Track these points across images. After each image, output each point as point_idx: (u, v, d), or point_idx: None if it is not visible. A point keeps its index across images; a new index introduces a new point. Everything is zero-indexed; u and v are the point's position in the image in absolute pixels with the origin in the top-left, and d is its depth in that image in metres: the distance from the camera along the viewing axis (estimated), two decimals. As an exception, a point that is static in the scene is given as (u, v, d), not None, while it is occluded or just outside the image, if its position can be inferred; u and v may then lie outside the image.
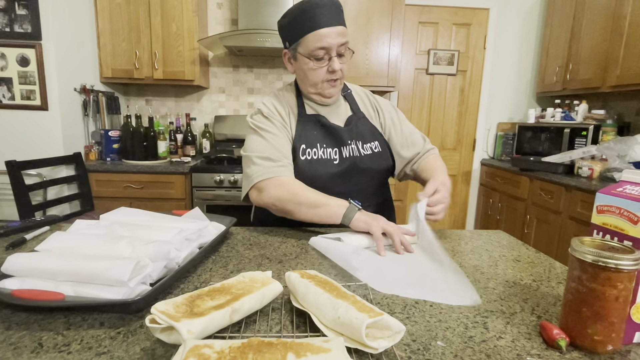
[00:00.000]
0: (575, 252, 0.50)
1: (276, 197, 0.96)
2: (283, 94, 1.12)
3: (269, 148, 1.01)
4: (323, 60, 0.99)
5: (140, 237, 0.73)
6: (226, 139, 2.85)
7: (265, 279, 0.62)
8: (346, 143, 1.08)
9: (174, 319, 0.47)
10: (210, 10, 2.86)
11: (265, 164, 0.99)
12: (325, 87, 1.03)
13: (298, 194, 0.95)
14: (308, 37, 0.96)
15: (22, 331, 0.53)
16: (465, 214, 3.48)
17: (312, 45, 0.96)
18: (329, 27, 0.95)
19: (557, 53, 2.91)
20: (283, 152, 1.02)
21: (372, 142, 1.12)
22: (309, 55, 0.98)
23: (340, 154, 1.07)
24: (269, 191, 0.97)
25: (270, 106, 1.08)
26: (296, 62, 1.04)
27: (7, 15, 2.03)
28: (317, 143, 1.06)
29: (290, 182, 0.98)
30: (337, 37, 0.96)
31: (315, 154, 1.05)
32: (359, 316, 0.48)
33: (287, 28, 1.01)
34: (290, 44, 1.02)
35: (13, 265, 0.63)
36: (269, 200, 0.97)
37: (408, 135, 1.18)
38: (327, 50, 0.97)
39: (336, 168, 1.06)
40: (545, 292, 0.69)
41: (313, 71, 1.00)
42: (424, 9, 3.11)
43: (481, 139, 3.37)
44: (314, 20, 0.94)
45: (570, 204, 2.25)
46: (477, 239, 1.01)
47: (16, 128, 2.14)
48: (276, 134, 1.04)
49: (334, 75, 1.00)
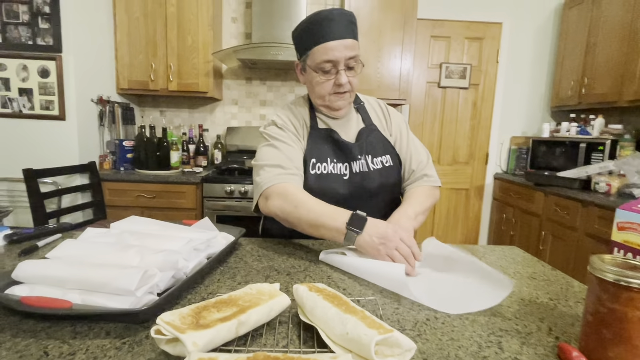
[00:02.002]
0: (595, 271, 0.48)
1: (279, 207, 0.93)
2: (296, 107, 1.11)
3: (281, 157, 0.99)
4: (330, 74, 0.98)
5: (149, 246, 0.73)
6: (238, 150, 2.87)
7: (272, 292, 0.61)
8: (356, 158, 1.06)
9: (180, 330, 0.47)
10: (225, 24, 2.92)
11: (274, 171, 0.97)
12: (332, 99, 1.02)
13: (299, 207, 0.90)
14: (315, 49, 0.96)
15: (29, 339, 0.53)
16: (478, 229, 3.42)
17: (319, 58, 0.95)
18: (337, 40, 0.94)
19: (572, 67, 2.88)
20: (294, 162, 1.00)
21: (383, 155, 1.10)
22: (315, 68, 0.98)
23: (350, 169, 1.05)
24: (273, 200, 0.94)
25: (285, 118, 1.07)
26: (305, 74, 1.04)
27: (30, 29, 2.11)
28: (327, 157, 1.04)
29: (294, 191, 0.93)
30: (345, 50, 0.94)
31: (325, 168, 1.03)
32: (368, 332, 0.47)
33: (298, 40, 1.01)
34: (301, 56, 1.02)
35: (23, 272, 0.63)
36: (273, 209, 0.94)
37: (413, 151, 1.14)
38: (334, 63, 0.96)
39: (346, 183, 1.04)
40: (563, 311, 0.67)
41: (320, 84, 0.99)
42: (436, 23, 3.13)
43: (494, 152, 3.33)
44: (322, 33, 0.94)
45: (587, 220, 2.19)
46: (490, 255, 0.98)
47: (34, 137, 2.20)
48: (289, 144, 1.02)
49: (341, 88, 0.99)
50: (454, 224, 3.40)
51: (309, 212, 0.88)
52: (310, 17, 0.96)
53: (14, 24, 2.10)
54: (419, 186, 1.11)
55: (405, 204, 1.04)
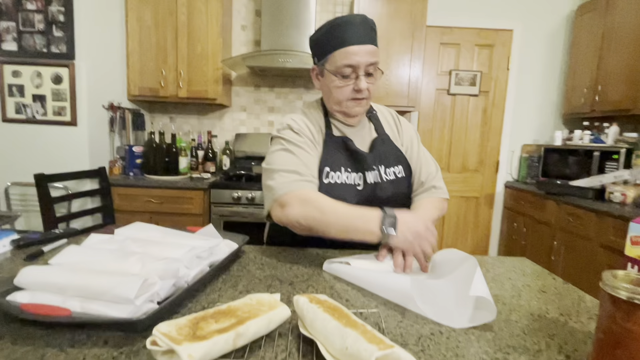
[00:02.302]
0: (607, 287, 0.46)
1: (301, 215, 0.87)
2: (311, 112, 1.08)
3: (297, 163, 0.95)
4: (349, 79, 0.96)
5: (152, 253, 0.73)
6: (246, 157, 2.88)
7: (272, 302, 0.60)
8: (371, 168, 1.03)
9: (176, 341, 0.46)
10: (235, 32, 2.95)
11: (290, 177, 0.92)
12: (350, 105, 0.99)
13: (326, 213, 0.85)
14: (336, 53, 0.94)
15: (27, 346, 0.53)
16: (488, 238, 3.36)
17: (340, 62, 0.93)
18: (359, 45, 0.92)
19: (585, 74, 2.83)
20: (311, 169, 0.96)
21: (395, 166, 1.07)
22: (335, 72, 0.95)
23: (364, 179, 1.03)
24: (293, 207, 0.88)
25: (301, 123, 1.03)
26: (323, 79, 1.01)
27: (45, 37, 2.16)
28: (341, 166, 1.01)
29: (317, 197, 0.89)
30: (366, 55, 0.93)
31: (339, 177, 1.00)
32: (368, 348, 0.45)
33: (317, 43, 0.99)
34: (319, 60, 1.00)
35: (25, 278, 0.63)
36: (292, 217, 0.88)
37: (423, 163, 1.13)
38: (355, 68, 0.93)
39: (359, 194, 1.01)
40: (574, 328, 0.64)
41: (338, 89, 0.97)
42: (445, 30, 3.12)
43: (505, 160, 3.28)
44: (344, 37, 0.92)
45: (601, 231, 2.13)
46: (499, 267, 0.95)
47: (47, 142, 2.24)
48: (306, 150, 0.98)
49: (360, 94, 0.97)
50: (463, 232, 3.34)
51: (339, 218, 0.85)
52: (332, 21, 0.95)
53: (29, 33, 2.15)
54: (426, 197, 1.09)
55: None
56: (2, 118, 2.20)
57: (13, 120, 2.21)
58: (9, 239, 0.94)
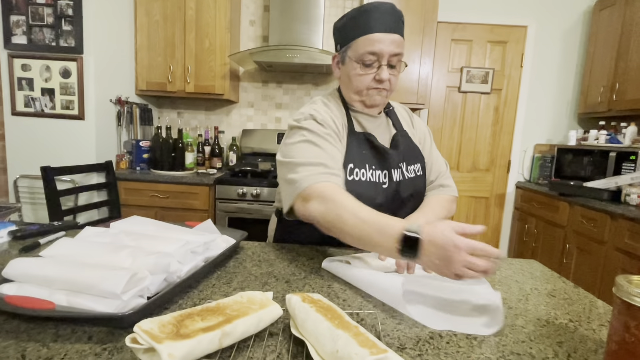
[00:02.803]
0: (621, 293, 0.42)
1: (320, 214, 0.78)
2: (332, 104, 1.01)
3: (323, 156, 0.87)
4: (372, 67, 0.92)
5: (144, 247, 0.71)
6: (252, 153, 2.87)
7: (264, 301, 0.57)
8: (396, 166, 0.99)
9: (156, 339, 0.44)
10: (243, 27, 2.94)
11: (315, 169, 0.83)
12: (371, 93, 0.95)
13: (342, 217, 0.74)
14: (359, 40, 0.90)
15: (9, 340, 0.51)
16: (498, 239, 3.29)
17: (363, 49, 0.90)
18: (384, 33, 0.88)
19: (602, 72, 2.74)
20: (337, 163, 0.89)
21: (415, 164, 1.04)
22: (357, 59, 0.92)
23: (389, 177, 0.98)
24: (313, 203, 0.80)
25: (324, 114, 0.95)
26: (344, 67, 0.97)
27: (54, 31, 2.17)
28: (366, 164, 0.96)
29: (338, 196, 0.78)
30: (391, 45, 0.89)
31: (364, 175, 0.95)
32: (359, 352, 0.43)
33: (341, 30, 0.96)
34: (341, 47, 0.96)
35: (13, 270, 0.62)
36: (313, 213, 0.80)
37: (434, 161, 1.10)
38: (378, 56, 0.90)
39: (384, 192, 0.97)
40: (585, 335, 0.60)
41: (359, 77, 0.93)
42: (457, 26, 3.05)
43: (516, 160, 3.20)
44: (369, 23, 0.89)
45: (616, 234, 2.06)
46: (506, 269, 0.91)
47: (55, 136, 2.26)
48: (331, 142, 0.91)
49: (381, 85, 0.93)
50: (472, 233, 3.27)
51: (355, 227, 0.73)
52: (359, 7, 0.91)
53: (38, 26, 2.16)
54: (434, 195, 1.06)
55: (418, 211, 0.99)
56: (11, 111, 2.22)
57: (22, 113, 2.23)
58: (7, 230, 0.93)
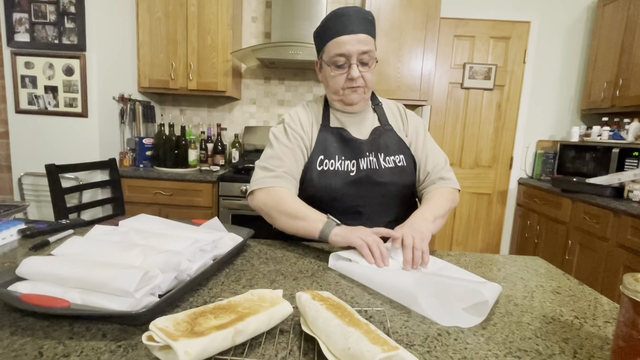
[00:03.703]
0: (628, 291, 0.43)
1: (262, 202, 1.00)
2: (311, 105, 1.14)
3: (271, 156, 1.05)
4: (343, 68, 0.99)
5: (154, 245, 0.72)
6: (255, 150, 2.87)
7: (274, 299, 0.58)
8: (364, 155, 1.05)
9: (172, 337, 0.45)
10: (245, 24, 2.93)
11: (260, 173, 1.03)
12: (346, 93, 1.03)
13: (280, 203, 0.97)
14: (330, 44, 0.98)
15: (26, 337, 0.52)
16: (500, 236, 3.30)
17: (332, 52, 0.98)
18: (350, 35, 0.95)
19: (606, 67, 2.73)
20: (283, 161, 1.03)
21: (396, 155, 1.08)
22: (329, 62, 1.00)
23: (357, 165, 1.05)
24: (257, 195, 1.01)
25: (295, 116, 1.10)
26: (322, 70, 1.06)
27: (57, 28, 2.17)
28: (335, 155, 1.05)
29: (278, 191, 0.99)
30: (358, 44, 0.96)
31: (332, 165, 1.04)
32: (370, 349, 0.43)
33: (316, 37, 1.04)
34: (319, 53, 1.05)
35: (27, 269, 0.63)
36: (256, 204, 1.02)
37: (429, 153, 1.12)
38: (347, 57, 0.97)
39: (351, 179, 1.04)
40: (590, 332, 0.61)
41: (333, 78, 1.01)
42: (460, 22, 3.04)
43: (519, 156, 3.20)
44: (336, 27, 0.96)
45: (619, 230, 2.07)
46: (511, 266, 0.92)
47: (58, 133, 2.26)
48: (285, 143, 1.05)
49: (354, 82, 1.00)
50: (474, 230, 3.29)
51: (290, 207, 0.96)
52: (329, 14, 1.00)
53: (41, 24, 2.16)
54: (438, 188, 1.07)
55: (423, 206, 1.00)
56: (15, 109, 2.23)
57: (26, 111, 2.23)
58: (16, 229, 0.94)
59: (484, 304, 0.63)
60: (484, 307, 0.63)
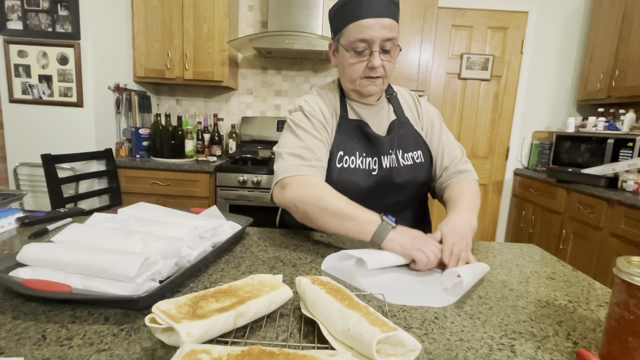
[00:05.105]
0: (621, 274, 0.44)
1: (299, 197, 0.85)
2: (326, 93, 1.03)
3: (302, 146, 0.92)
4: (363, 55, 0.90)
5: (154, 232, 0.72)
6: (252, 140, 2.87)
7: (274, 283, 0.59)
8: (387, 152, 0.98)
9: (175, 319, 0.45)
10: (242, 13, 2.90)
11: (294, 160, 0.90)
12: (363, 84, 0.94)
13: (324, 198, 0.83)
14: (350, 27, 0.88)
15: (28, 322, 0.53)
16: (496, 226, 3.33)
17: (353, 36, 0.88)
18: (374, 19, 0.85)
19: (603, 58, 2.73)
20: (316, 154, 0.92)
21: (414, 151, 1.02)
22: (348, 47, 0.90)
23: (379, 163, 0.98)
24: (292, 189, 0.86)
25: (314, 105, 0.99)
26: (338, 55, 0.96)
27: (50, 16, 2.13)
28: (356, 151, 0.97)
29: (318, 183, 0.87)
30: (382, 30, 0.86)
31: (353, 162, 0.96)
32: (370, 330, 0.44)
33: (333, 17, 0.94)
34: (335, 35, 0.95)
35: (27, 255, 0.63)
36: (290, 199, 0.86)
37: (445, 146, 1.06)
38: (369, 43, 0.87)
39: (373, 179, 0.97)
40: (584, 315, 0.62)
41: (351, 66, 0.92)
42: (458, 12, 3.02)
43: (515, 147, 3.22)
44: (359, 9, 0.86)
45: (612, 220, 2.09)
46: (507, 253, 0.94)
47: (53, 123, 2.25)
48: (313, 134, 0.94)
49: (374, 72, 0.91)
50: (470, 219, 3.31)
51: (336, 204, 0.82)
52: None
53: (34, 12, 2.13)
54: (462, 182, 1.02)
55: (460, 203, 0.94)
56: (9, 98, 2.20)
57: (20, 100, 2.21)
58: (14, 217, 0.94)
59: (459, 284, 0.68)
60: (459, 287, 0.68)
